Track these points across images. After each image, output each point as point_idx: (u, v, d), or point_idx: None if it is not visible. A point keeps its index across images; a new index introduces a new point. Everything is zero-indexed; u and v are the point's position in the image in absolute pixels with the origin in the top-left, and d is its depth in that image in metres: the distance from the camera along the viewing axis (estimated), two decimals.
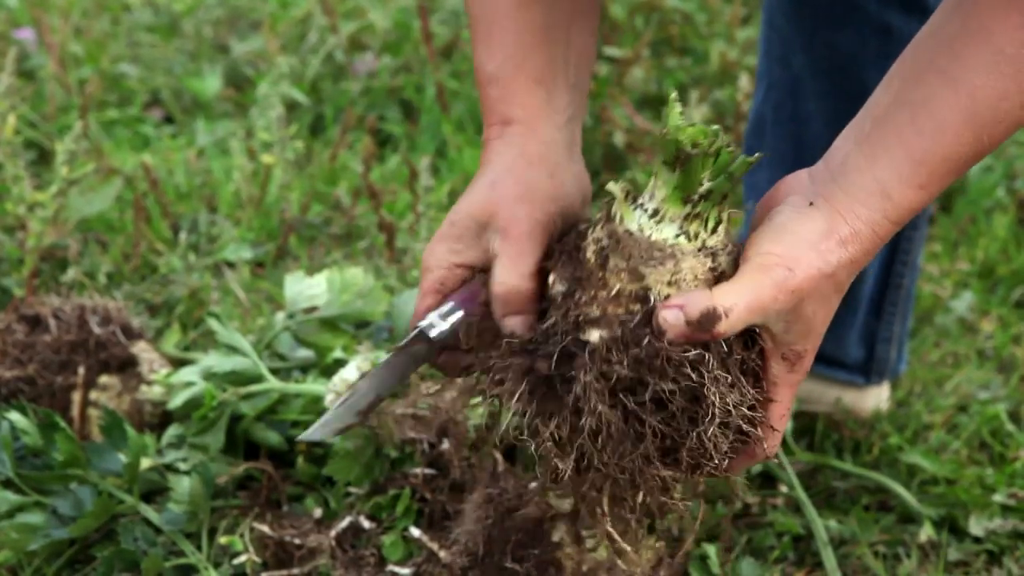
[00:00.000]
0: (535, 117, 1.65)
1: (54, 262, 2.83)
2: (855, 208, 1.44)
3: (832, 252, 1.43)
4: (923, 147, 1.41)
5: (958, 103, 1.40)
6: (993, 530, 2.19)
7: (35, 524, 1.98)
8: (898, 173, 1.42)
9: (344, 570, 1.92)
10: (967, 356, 2.78)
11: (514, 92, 1.64)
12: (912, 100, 1.43)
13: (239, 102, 3.85)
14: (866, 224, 1.43)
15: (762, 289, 1.41)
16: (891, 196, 1.42)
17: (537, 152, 1.63)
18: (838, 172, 1.46)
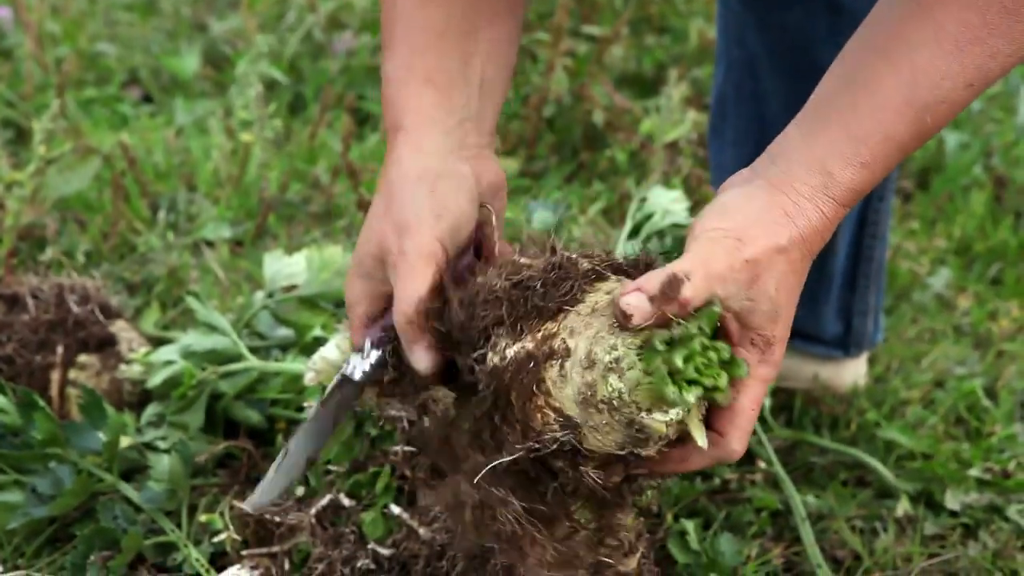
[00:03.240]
0: (421, 123, 1.63)
1: (32, 241, 2.82)
2: (795, 185, 1.44)
3: (779, 225, 1.42)
4: (863, 125, 1.42)
5: (899, 82, 1.40)
6: (969, 504, 2.21)
7: (14, 503, 1.98)
8: (838, 150, 1.43)
9: (324, 547, 1.92)
10: (944, 332, 2.80)
11: (405, 95, 1.64)
12: (854, 80, 1.44)
13: (218, 81, 3.83)
14: (809, 200, 1.43)
15: (715, 257, 1.40)
16: (831, 173, 1.43)
17: (417, 167, 1.61)
18: (778, 154, 1.47)
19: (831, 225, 1.45)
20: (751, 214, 1.44)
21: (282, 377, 2.19)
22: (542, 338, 1.43)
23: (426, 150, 1.62)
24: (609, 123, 3.48)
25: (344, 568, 1.88)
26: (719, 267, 1.40)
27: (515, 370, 1.43)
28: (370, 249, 1.60)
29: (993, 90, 3.81)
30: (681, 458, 1.48)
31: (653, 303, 1.37)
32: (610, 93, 3.57)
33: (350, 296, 1.64)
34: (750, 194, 1.46)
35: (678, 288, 1.37)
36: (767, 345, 1.45)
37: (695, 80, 3.75)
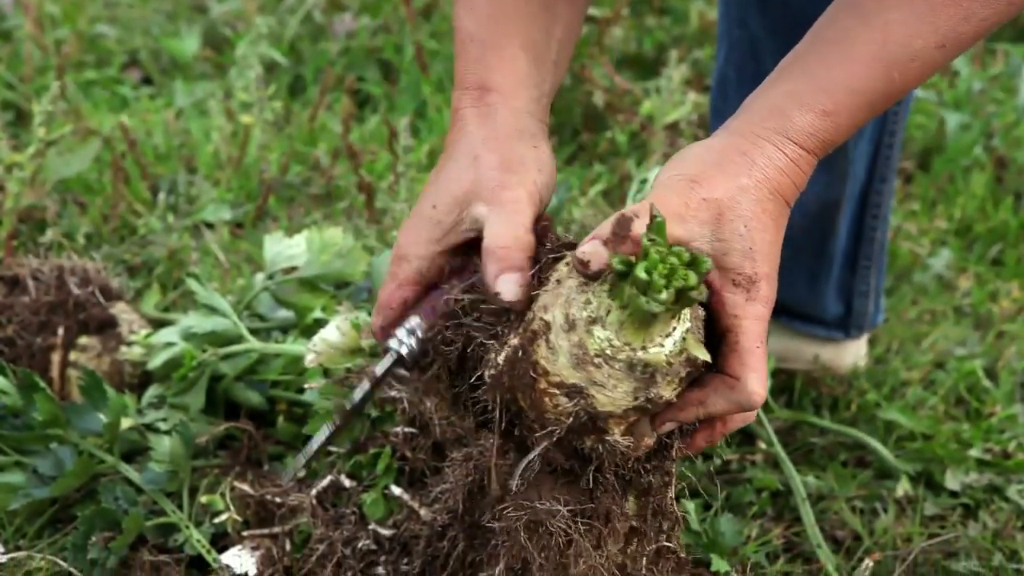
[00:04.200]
0: (515, 86, 1.60)
1: (32, 223, 2.82)
2: (753, 128, 1.44)
3: (737, 165, 1.42)
4: (828, 75, 1.42)
5: (870, 37, 1.41)
6: (969, 484, 2.21)
7: (15, 484, 1.98)
8: (798, 96, 1.43)
9: (325, 528, 1.92)
10: (944, 313, 2.80)
11: (496, 55, 1.59)
12: (825, 37, 1.44)
13: (218, 63, 3.83)
14: (767, 141, 1.42)
15: (668, 198, 1.39)
16: (789, 116, 1.42)
17: (516, 124, 1.58)
18: (742, 107, 1.48)
19: (798, 169, 1.43)
20: (709, 158, 1.43)
21: (283, 359, 2.19)
22: (524, 328, 1.42)
23: (522, 110, 1.60)
24: (609, 104, 3.48)
25: (345, 549, 1.88)
26: (672, 205, 1.39)
27: (510, 368, 1.43)
28: (454, 189, 1.53)
29: (994, 70, 3.80)
30: (700, 400, 1.45)
31: (607, 246, 1.37)
32: (610, 74, 3.57)
33: (408, 248, 1.55)
34: (709, 143, 1.46)
35: (628, 226, 1.36)
36: (750, 283, 1.42)
37: (696, 61, 3.74)
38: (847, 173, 2.28)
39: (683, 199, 1.39)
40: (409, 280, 1.55)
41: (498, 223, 1.49)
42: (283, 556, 1.91)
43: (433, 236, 1.54)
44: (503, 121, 1.58)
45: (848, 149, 2.25)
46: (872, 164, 2.32)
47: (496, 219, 1.49)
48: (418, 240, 1.55)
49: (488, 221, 1.50)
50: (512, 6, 1.61)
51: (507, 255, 1.47)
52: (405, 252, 1.55)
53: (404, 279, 1.55)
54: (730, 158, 1.42)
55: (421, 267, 1.55)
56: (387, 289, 1.56)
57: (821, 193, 2.29)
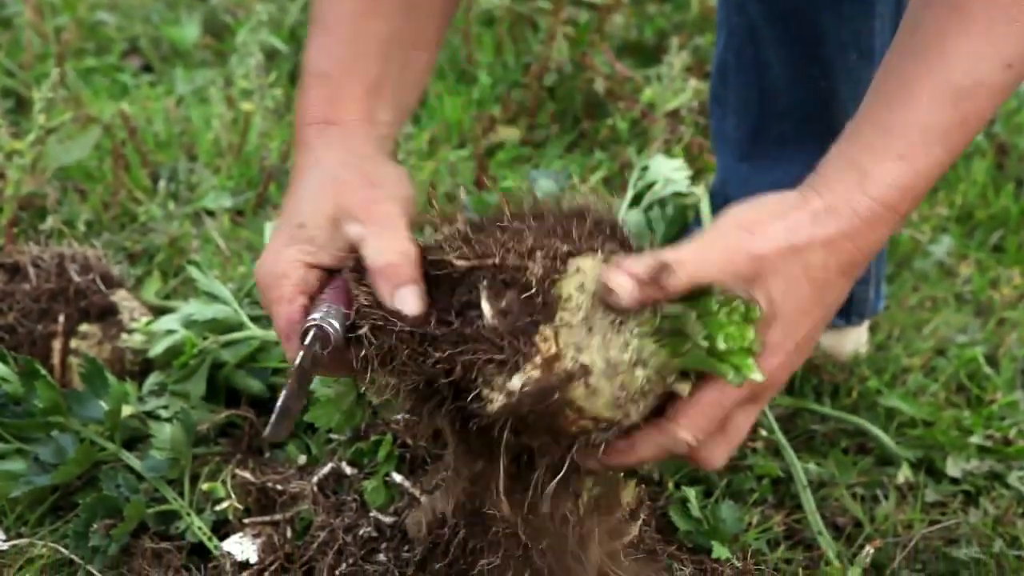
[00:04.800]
0: (359, 122, 1.58)
1: (33, 211, 2.82)
2: (828, 184, 1.40)
3: (801, 223, 1.37)
4: (894, 119, 1.38)
5: (929, 70, 1.37)
6: (970, 471, 2.21)
7: (17, 471, 1.98)
8: (870, 146, 1.39)
9: (326, 515, 1.92)
10: (945, 300, 2.80)
11: (343, 95, 1.58)
12: (887, 86, 1.41)
13: (218, 50, 3.82)
14: (841, 199, 1.38)
15: (714, 248, 1.36)
16: (865, 169, 1.38)
17: (365, 150, 1.57)
18: (816, 168, 1.43)
19: (869, 231, 1.38)
20: (777, 209, 1.39)
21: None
22: (545, 362, 1.37)
23: (367, 140, 1.58)
24: (610, 92, 3.47)
25: (346, 536, 1.88)
26: (715, 258, 1.35)
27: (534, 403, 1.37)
28: (320, 208, 1.48)
29: None
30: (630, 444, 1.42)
31: (640, 288, 1.34)
32: (611, 61, 3.56)
33: (280, 266, 1.48)
34: (782, 195, 1.42)
35: (668, 277, 1.34)
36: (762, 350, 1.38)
37: (696, 48, 3.73)
38: None
39: (729, 254, 1.36)
40: (295, 293, 1.47)
41: (378, 240, 1.44)
42: (284, 543, 1.91)
43: (306, 251, 1.49)
44: (352, 146, 1.56)
45: None
46: None
47: (375, 237, 1.45)
48: (290, 258, 1.48)
49: (366, 240, 1.45)
50: (365, 53, 1.60)
51: (396, 271, 1.42)
52: (277, 270, 1.48)
53: (288, 294, 1.47)
54: (796, 215, 1.38)
55: (302, 279, 1.48)
56: (281, 315, 1.48)
57: None
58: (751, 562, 1.78)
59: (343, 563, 1.85)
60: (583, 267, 1.39)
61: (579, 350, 1.36)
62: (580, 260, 1.40)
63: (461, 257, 1.41)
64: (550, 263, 1.39)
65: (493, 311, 1.38)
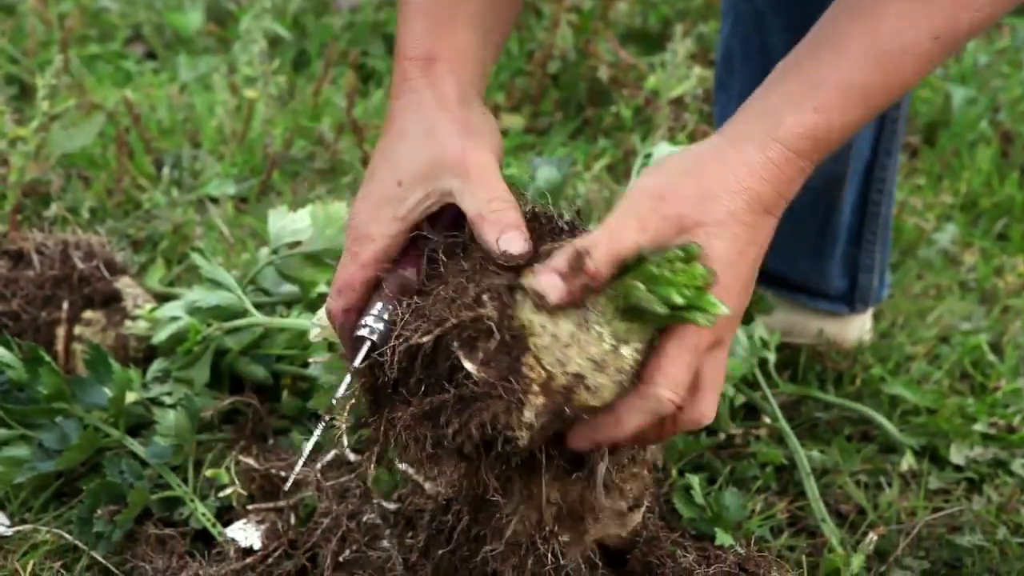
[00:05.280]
0: (462, 59, 1.56)
1: (36, 197, 2.82)
2: (739, 131, 1.41)
3: (711, 174, 1.39)
4: (818, 72, 1.39)
5: (862, 31, 1.38)
6: (974, 459, 2.21)
7: (21, 457, 1.98)
8: (788, 95, 1.40)
9: (330, 502, 1.93)
10: (949, 288, 2.79)
11: (444, 28, 1.56)
12: (820, 38, 1.42)
13: (221, 37, 3.82)
14: (753, 144, 1.39)
15: (624, 221, 1.37)
16: (780, 117, 1.39)
17: (464, 93, 1.55)
18: (739, 111, 1.44)
19: (781, 174, 1.40)
20: (686, 167, 1.40)
21: (287, 333, 2.19)
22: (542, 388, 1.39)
23: (466, 83, 1.56)
24: (614, 79, 3.47)
25: (350, 522, 1.88)
26: (628, 232, 1.36)
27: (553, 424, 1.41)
28: (415, 165, 1.49)
29: (1000, 44, 3.79)
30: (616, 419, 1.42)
31: (565, 281, 1.35)
32: (615, 49, 3.56)
33: (372, 227, 1.49)
34: (694, 149, 1.43)
35: (583, 262, 1.35)
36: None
37: (701, 36, 3.73)
38: (851, 148, 2.27)
39: (642, 221, 1.37)
40: (372, 260, 1.49)
41: (478, 190, 1.45)
42: (288, 530, 1.92)
43: (398, 213, 1.49)
44: (452, 89, 1.54)
45: None
46: (877, 139, 2.32)
47: (474, 187, 1.45)
48: (381, 218, 1.49)
49: (465, 192, 1.46)
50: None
51: (500, 216, 1.43)
52: (367, 231, 1.50)
53: (367, 260, 1.49)
54: (707, 166, 1.39)
55: (386, 246, 1.49)
56: (347, 270, 1.50)
57: (825, 168, 2.26)
58: (754, 549, 1.78)
59: (347, 549, 1.85)
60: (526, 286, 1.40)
61: (563, 364, 1.38)
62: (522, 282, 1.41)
63: (424, 333, 1.42)
64: (498, 302, 1.40)
65: (476, 366, 1.39)
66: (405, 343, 1.43)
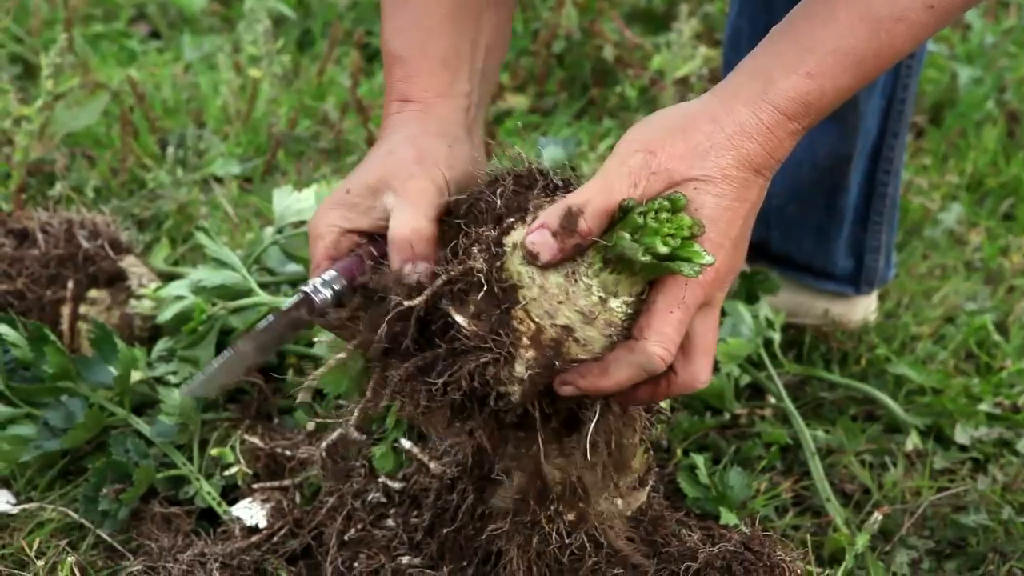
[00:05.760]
0: (436, 97, 1.63)
1: (41, 176, 2.82)
2: (731, 90, 1.41)
3: (701, 131, 1.39)
4: (812, 35, 1.39)
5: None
6: (979, 438, 2.21)
7: (27, 436, 1.99)
8: (781, 58, 1.40)
9: (335, 481, 1.93)
10: (955, 268, 2.79)
11: (418, 74, 1.63)
12: (815, 3, 1.41)
13: (225, 16, 3.81)
14: (744, 104, 1.39)
15: (617, 179, 1.38)
16: (772, 79, 1.39)
17: (435, 126, 1.61)
18: (732, 72, 1.45)
19: (771, 135, 1.40)
20: (675, 122, 1.41)
21: None
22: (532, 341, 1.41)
23: (441, 117, 1.63)
24: (619, 59, 3.46)
25: (355, 502, 1.88)
26: (619, 185, 1.38)
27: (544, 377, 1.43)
28: (367, 179, 1.57)
29: (1007, 23, 3.78)
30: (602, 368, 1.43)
31: (556, 238, 1.37)
32: (620, 28, 3.55)
33: (320, 226, 1.58)
34: (685, 106, 1.44)
35: (576, 221, 1.37)
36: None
37: (706, 15, 3.72)
38: (858, 128, 2.26)
39: (632, 176, 1.38)
40: (324, 256, 1.57)
41: (402, 213, 1.52)
42: (293, 509, 1.92)
43: (346, 216, 1.57)
44: (423, 124, 1.61)
45: (859, 103, 2.23)
46: (884, 119, 2.31)
47: (401, 209, 1.52)
48: (331, 220, 1.58)
49: (394, 211, 1.53)
50: (435, 27, 1.63)
51: (408, 245, 1.49)
52: (317, 230, 1.58)
53: (320, 255, 1.58)
54: (697, 123, 1.40)
55: (334, 242, 1.57)
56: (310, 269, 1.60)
57: (832, 148, 2.28)
58: (759, 528, 1.78)
59: (352, 528, 1.85)
60: (516, 240, 1.42)
61: (552, 316, 1.40)
62: (512, 236, 1.43)
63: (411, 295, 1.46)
64: (487, 254, 1.43)
65: (466, 319, 1.42)
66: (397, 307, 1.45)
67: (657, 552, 1.71)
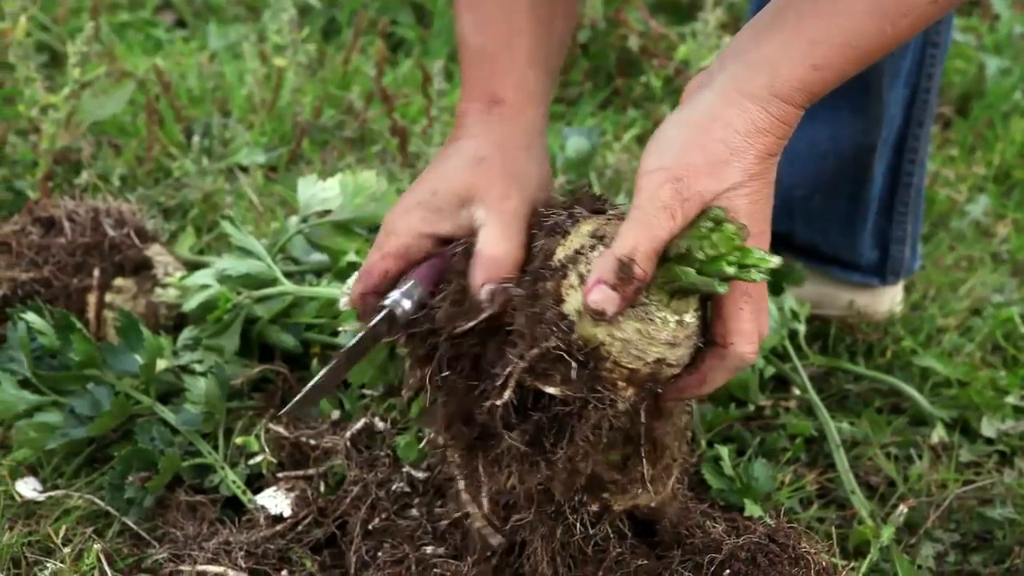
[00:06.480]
0: (526, 101, 1.63)
1: (68, 165, 2.83)
2: (739, 85, 1.42)
3: (716, 139, 1.40)
4: (820, 28, 1.39)
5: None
6: (1005, 431, 2.20)
7: (53, 423, 1.99)
8: (787, 49, 1.40)
9: (359, 470, 1.93)
10: (982, 260, 2.78)
11: (506, 72, 1.62)
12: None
13: (251, 5, 3.81)
14: (753, 102, 1.40)
15: (652, 215, 1.40)
16: (780, 73, 1.40)
17: (525, 139, 1.62)
18: (728, 58, 1.45)
19: (782, 124, 1.42)
20: (688, 136, 1.42)
21: (317, 302, 2.19)
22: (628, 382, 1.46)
23: (531, 126, 1.63)
24: (644, 49, 3.45)
25: (379, 491, 1.89)
26: (660, 225, 1.40)
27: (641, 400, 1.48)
28: (455, 186, 1.57)
29: None
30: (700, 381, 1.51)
31: (617, 291, 1.40)
32: (645, 18, 3.54)
33: (399, 224, 1.58)
34: (689, 114, 1.44)
35: (630, 269, 1.39)
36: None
37: (731, 5, 3.70)
38: (882, 117, 2.25)
39: (668, 211, 1.40)
40: (394, 253, 1.57)
41: (494, 232, 1.52)
42: (317, 497, 1.92)
43: (427, 219, 1.57)
44: (511, 132, 1.61)
45: (883, 92, 2.22)
46: (909, 108, 2.30)
47: (493, 228, 1.53)
48: (411, 219, 1.58)
49: (485, 227, 1.53)
50: (519, 26, 1.63)
51: (496, 268, 1.51)
52: (394, 227, 1.58)
53: (388, 251, 1.58)
54: (711, 131, 1.41)
55: (408, 244, 1.57)
56: (371, 258, 1.59)
57: (856, 137, 2.27)
58: (784, 520, 1.78)
59: (376, 518, 1.86)
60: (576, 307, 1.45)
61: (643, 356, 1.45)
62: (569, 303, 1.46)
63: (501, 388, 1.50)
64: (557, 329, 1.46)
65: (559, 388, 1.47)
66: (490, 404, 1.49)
67: (681, 543, 1.71)
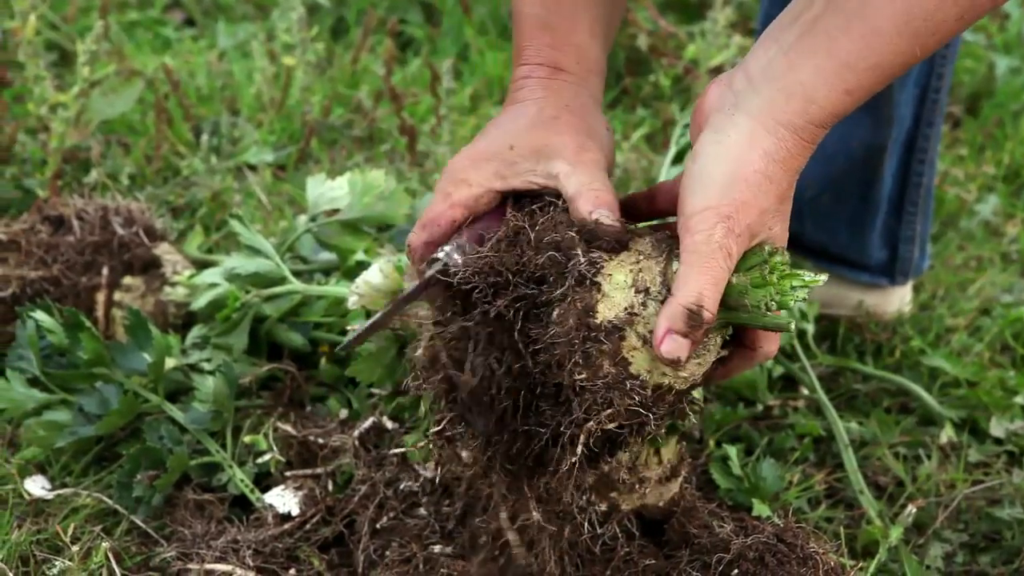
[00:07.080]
0: (589, 72, 1.64)
1: (77, 163, 2.83)
2: (775, 114, 1.41)
3: (756, 170, 1.41)
4: (854, 52, 1.38)
5: (894, 11, 1.36)
6: (1014, 431, 2.20)
7: (62, 422, 2.00)
8: (824, 77, 1.39)
9: (367, 469, 1.93)
10: (991, 259, 2.77)
11: (570, 43, 1.62)
12: (845, 8, 1.39)
13: (260, 4, 3.82)
14: (789, 130, 1.41)
15: (711, 258, 1.41)
16: (815, 100, 1.39)
17: (591, 103, 1.62)
18: (759, 79, 1.43)
19: (810, 147, 1.43)
20: (728, 170, 1.42)
21: (325, 300, 2.19)
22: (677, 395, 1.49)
23: (592, 94, 1.64)
24: (653, 48, 3.45)
25: (387, 490, 1.89)
26: (721, 267, 1.41)
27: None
28: (533, 138, 1.56)
29: None
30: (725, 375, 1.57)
31: (688, 338, 1.41)
32: (655, 17, 3.53)
33: (472, 175, 1.57)
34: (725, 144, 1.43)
35: (701, 317, 1.41)
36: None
37: (741, 4, 3.70)
38: (892, 118, 2.25)
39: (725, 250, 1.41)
40: (463, 202, 1.56)
41: (584, 175, 1.52)
42: (325, 496, 1.92)
43: (501, 172, 1.56)
44: (576, 96, 1.61)
45: (893, 93, 2.22)
46: (919, 108, 2.30)
47: (582, 172, 1.52)
48: (484, 170, 1.56)
49: (571, 175, 1.52)
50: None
51: (599, 196, 1.50)
52: (466, 176, 1.56)
53: (458, 200, 1.56)
54: (750, 161, 1.41)
55: (479, 195, 1.56)
56: (437, 207, 1.57)
57: (866, 138, 2.27)
58: (792, 520, 1.77)
59: (384, 516, 1.86)
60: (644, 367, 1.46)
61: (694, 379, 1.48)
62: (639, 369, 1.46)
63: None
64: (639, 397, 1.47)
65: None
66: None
67: (689, 543, 1.71)
